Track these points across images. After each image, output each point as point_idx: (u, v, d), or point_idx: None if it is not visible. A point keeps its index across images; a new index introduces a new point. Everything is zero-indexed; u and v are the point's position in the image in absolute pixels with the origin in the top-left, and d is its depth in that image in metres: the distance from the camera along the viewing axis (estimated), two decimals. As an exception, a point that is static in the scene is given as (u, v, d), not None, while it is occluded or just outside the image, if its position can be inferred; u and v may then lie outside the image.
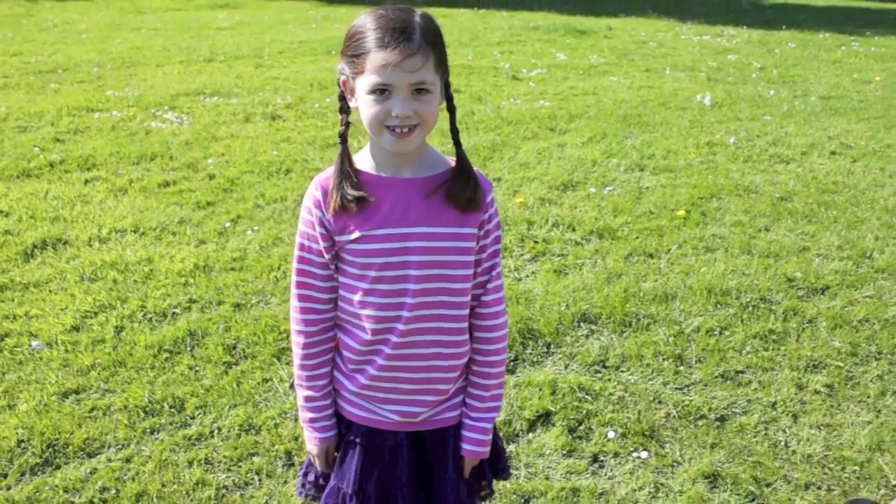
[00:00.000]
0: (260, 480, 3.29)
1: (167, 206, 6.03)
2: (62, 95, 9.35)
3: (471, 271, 2.01)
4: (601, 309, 4.52)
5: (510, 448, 3.47)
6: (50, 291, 4.75)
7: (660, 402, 3.79)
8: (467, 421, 2.14)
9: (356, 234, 1.95)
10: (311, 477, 2.26)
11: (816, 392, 3.91)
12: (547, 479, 3.30)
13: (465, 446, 2.14)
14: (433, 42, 1.83)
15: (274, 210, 5.91)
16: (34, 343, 4.20)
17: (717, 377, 3.99)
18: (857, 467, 3.41)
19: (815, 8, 20.41)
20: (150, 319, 4.45)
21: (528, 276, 4.97)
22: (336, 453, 2.18)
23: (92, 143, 7.52)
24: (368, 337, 2.02)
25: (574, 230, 5.58)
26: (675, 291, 4.76)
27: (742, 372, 4.05)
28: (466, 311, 2.06)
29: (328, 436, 2.15)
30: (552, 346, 4.22)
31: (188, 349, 4.17)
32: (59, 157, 7.06)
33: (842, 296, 4.79)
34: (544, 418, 3.66)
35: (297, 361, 2.13)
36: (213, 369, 4.00)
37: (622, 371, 4.03)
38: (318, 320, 2.08)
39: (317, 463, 2.20)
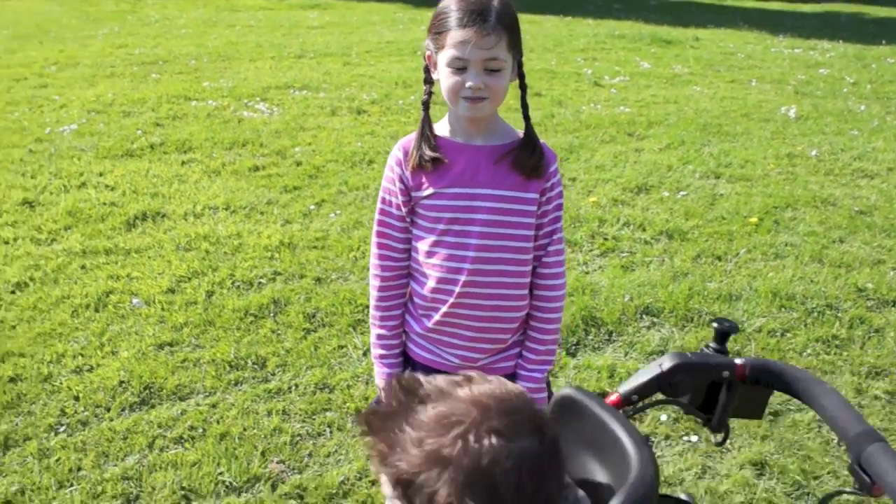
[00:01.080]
0: (331, 432, 3.57)
1: (256, 188, 6.37)
2: (162, 85, 9.80)
3: (531, 233, 2.24)
4: (664, 304, 4.70)
5: (568, 422, 3.68)
6: (149, 257, 5.12)
7: (714, 392, 3.95)
8: (521, 371, 2.36)
9: (429, 191, 2.21)
10: (380, 410, 2.52)
11: (876, 398, 4.01)
12: (600, 451, 3.51)
13: None
14: (507, 24, 2.07)
15: (356, 196, 6.20)
16: (135, 300, 4.58)
17: (773, 373, 4.13)
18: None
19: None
20: (238, 287, 4.78)
21: (595, 270, 5.17)
22: None
23: (189, 128, 7.91)
24: (434, 284, 2.27)
25: (644, 230, 5.76)
26: (740, 293, 4.91)
27: (800, 372, 4.18)
28: (526, 269, 2.28)
29: (395, 372, 2.41)
30: (614, 334, 4.43)
31: (271, 315, 4.49)
32: (159, 140, 7.46)
33: (915, 309, 4.87)
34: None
35: (372, 303, 2.40)
36: (294, 334, 4.31)
37: (681, 361, 4.20)
38: (393, 267, 2.34)
39: (382, 396, 2.45)
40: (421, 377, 1.35)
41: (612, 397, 1.58)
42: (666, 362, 1.57)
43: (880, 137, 8.48)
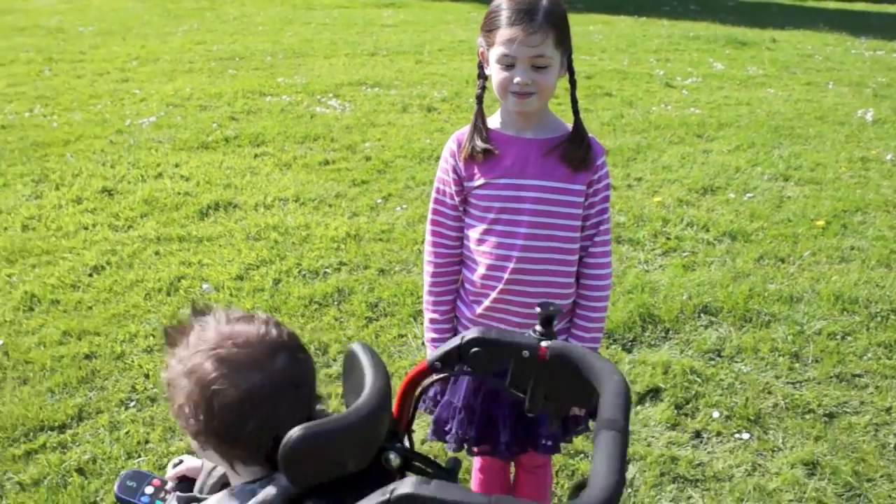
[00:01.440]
0: (389, 420, 3.66)
1: (326, 181, 6.52)
2: (238, 80, 10.03)
3: (578, 223, 2.33)
4: (723, 303, 4.71)
5: (620, 417, 3.73)
6: (220, 245, 5.30)
7: (769, 393, 3.97)
8: None
9: (481, 181, 2.32)
10: (430, 393, 2.61)
11: (936, 403, 3.99)
12: (648, 445, 3.56)
13: None
14: (554, 23, 2.16)
15: (423, 191, 6.30)
16: (205, 286, 4.76)
17: (831, 377, 4.12)
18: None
19: None
20: (304, 276, 4.92)
21: (655, 269, 5.20)
22: None
23: (262, 122, 8.10)
24: (483, 271, 2.37)
25: (708, 231, 5.76)
26: (802, 295, 4.89)
27: (859, 376, 4.16)
28: (573, 258, 2.37)
29: None
30: (670, 331, 4.46)
31: (335, 303, 4.62)
32: (234, 133, 7.67)
33: (981, 317, 4.80)
34: (654, 394, 3.91)
35: (425, 288, 2.52)
36: (356, 322, 4.43)
37: (736, 361, 4.22)
38: (446, 254, 2.46)
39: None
40: (216, 306, 1.59)
41: (420, 364, 1.70)
42: (469, 334, 1.63)
43: (963, 143, 8.30)
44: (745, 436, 3.65)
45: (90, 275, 4.92)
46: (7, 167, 6.76)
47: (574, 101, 2.38)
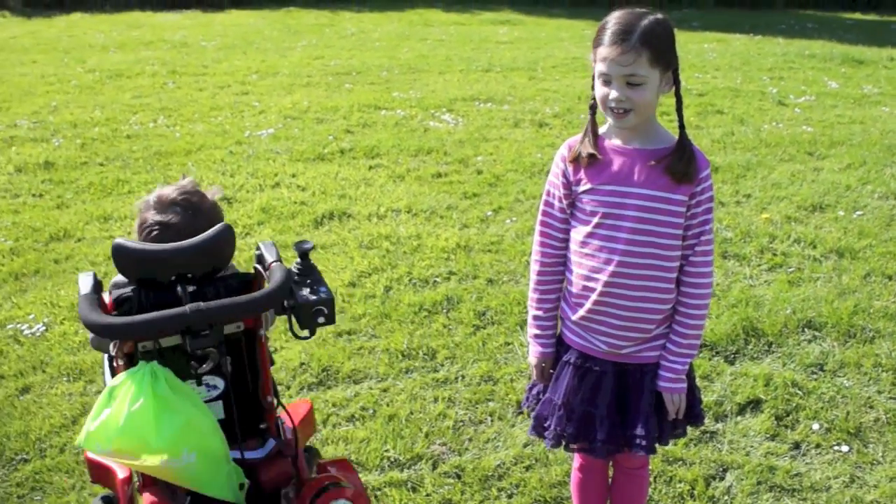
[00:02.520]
0: (492, 421, 3.83)
1: (438, 193, 6.72)
2: (354, 94, 10.36)
3: (679, 232, 2.44)
4: (827, 318, 4.73)
5: (718, 426, 3.82)
6: (334, 253, 5.54)
7: (871, 407, 3.99)
8: (664, 362, 2.55)
9: (587, 186, 2.47)
10: (534, 391, 2.77)
11: None
12: (747, 454, 3.63)
13: (660, 383, 2.55)
14: (650, 42, 2.28)
15: (532, 205, 6.45)
16: (319, 292, 4.97)
17: (935, 393, 4.13)
18: None
19: None
20: (415, 284, 5.12)
21: (761, 284, 5.23)
22: (552, 370, 2.69)
23: (377, 135, 8.37)
24: (586, 273, 2.51)
25: (815, 247, 5.76)
26: (909, 312, 4.88)
27: (964, 393, 4.16)
28: (673, 265, 2.48)
29: (547, 351, 2.68)
30: (773, 345, 4.50)
31: (444, 311, 4.80)
32: (349, 146, 7.95)
33: None
34: (754, 405, 3.97)
35: (531, 286, 2.68)
36: (464, 329, 4.60)
37: (838, 375, 4.25)
38: (551, 254, 2.61)
39: (534, 373, 2.72)
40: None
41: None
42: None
43: None
44: (845, 448, 3.68)
45: (210, 281, 5.20)
46: (132, 175, 7.17)
47: (680, 116, 2.50)
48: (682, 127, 2.47)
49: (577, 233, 2.53)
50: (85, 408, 3.90)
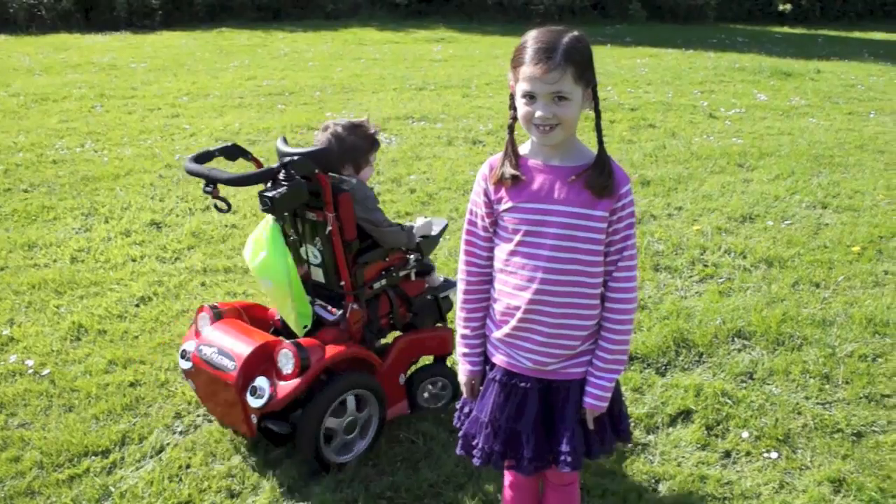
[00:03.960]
0: (424, 440, 3.81)
1: (370, 213, 6.67)
2: (287, 115, 10.29)
3: (600, 248, 2.44)
4: (756, 327, 4.79)
5: (650, 438, 3.83)
6: (264, 276, 5.46)
7: (799, 413, 4.03)
8: (590, 378, 2.55)
9: (509, 205, 2.47)
10: (465, 409, 2.76)
11: (965, 422, 4.03)
12: (678, 465, 3.65)
13: (586, 399, 2.55)
14: (573, 59, 2.29)
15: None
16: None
17: (861, 398, 4.18)
18: None
19: None
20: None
21: (692, 295, 5.28)
22: (481, 387, 2.68)
23: (310, 156, 8.29)
24: (510, 291, 2.50)
25: (745, 257, 5.83)
26: (834, 318, 4.95)
27: (889, 396, 4.21)
28: (597, 281, 2.48)
29: (475, 369, 2.68)
30: (704, 356, 4.54)
31: (375, 331, 4.75)
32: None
33: None
34: (685, 416, 4.00)
35: (458, 305, 2.68)
36: (395, 348, 4.56)
37: (767, 383, 4.29)
38: (477, 272, 2.61)
39: (464, 391, 2.71)
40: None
41: None
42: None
43: None
44: (774, 455, 3.72)
45: (137, 305, 5.11)
46: (58, 201, 7.02)
47: (599, 131, 2.51)
48: (601, 142, 2.48)
49: (501, 251, 2.52)
50: None
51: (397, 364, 3.83)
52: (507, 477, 2.91)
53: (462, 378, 2.70)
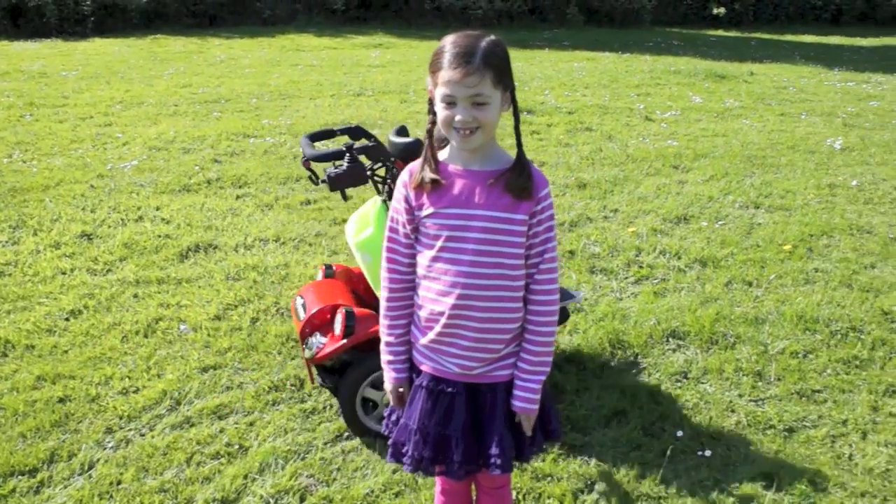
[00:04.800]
0: (361, 449, 3.78)
1: (307, 221, 6.64)
2: (223, 122, 10.17)
3: (522, 251, 2.45)
4: (691, 327, 4.84)
5: (586, 439, 3.84)
6: (199, 286, 5.40)
7: (732, 411, 4.08)
8: (518, 382, 2.55)
9: (430, 210, 2.46)
10: (393, 417, 2.74)
11: (891, 415, 4.10)
12: (614, 466, 3.66)
13: (515, 403, 2.56)
14: (492, 64, 2.30)
15: (401, 228, 6.42)
16: (182, 327, 4.85)
17: (793, 394, 4.24)
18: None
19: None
20: (282, 314, 5.02)
21: (628, 297, 5.32)
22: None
23: (246, 164, 8.23)
24: (433, 297, 2.50)
25: (679, 258, 5.89)
26: (767, 316, 5.02)
27: (819, 391, 4.28)
28: (518, 284, 2.49)
29: (401, 377, 2.65)
30: (639, 356, 4.57)
31: (311, 339, 4.72)
32: (216, 176, 7.79)
33: (938, 331, 4.93)
34: (621, 416, 4.02)
35: (381, 313, 2.65)
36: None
37: (702, 382, 4.34)
38: (399, 279, 2.59)
39: (391, 399, 2.69)
40: None
41: None
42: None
43: (924, 167, 8.50)
44: (708, 453, 3.75)
45: (66, 319, 4.99)
46: (-14, 213, 6.86)
47: (517, 135, 2.52)
48: (519, 146, 2.50)
49: (423, 257, 2.52)
50: None
51: None
52: (439, 483, 2.90)
53: (388, 386, 2.68)
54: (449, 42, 2.34)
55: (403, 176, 2.54)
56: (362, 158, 3.78)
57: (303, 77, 13.81)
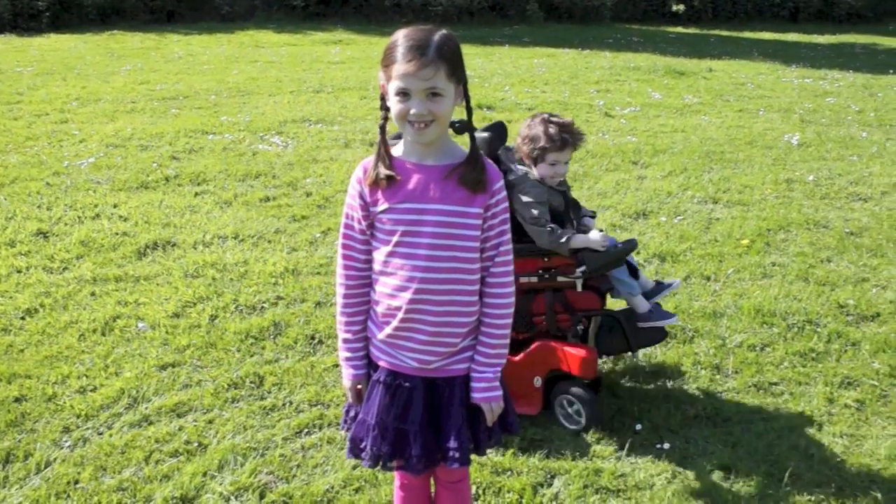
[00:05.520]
0: (321, 445, 3.77)
1: (266, 217, 6.61)
2: (181, 119, 10.08)
3: (476, 244, 2.47)
4: (649, 321, 4.87)
5: (546, 433, 3.86)
6: (157, 284, 5.36)
7: (691, 405, 4.12)
8: (475, 374, 2.57)
9: (385, 206, 2.46)
10: (351, 413, 2.73)
11: (846, 406, 4.16)
12: (573, 460, 3.68)
13: (475, 395, 2.57)
14: (445, 56, 2.32)
15: (362, 224, 6.40)
16: (140, 325, 4.82)
17: (750, 387, 4.29)
18: (872, 472, 3.67)
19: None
20: (241, 311, 5.00)
21: (587, 291, 5.34)
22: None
23: (204, 161, 8.17)
24: (390, 292, 2.50)
25: (638, 253, 5.92)
26: (725, 310, 5.07)
27: (776, 384, 4.34)
28: (474, 278, 2.51)
29: (359, 373, 2.65)
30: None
31: (272, 337, 4.71)
32: (174, 173, 7.73)
33: (892, 323, 4.99)
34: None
35: (338, 310, 2.65)
36: (292, 354, 4.53)
37: (661, 376, 4.37)
38: (355, 276, 2.59)
39: (349, 396, 2.68)
40: None
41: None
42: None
43: (878, 162, 8.64)
44: (667, 445, 3.78)
45: (22, 318, 4.92)
46: (-62, 212, 6.74)
47: (471, 128, 2.53)
48: (472, 139, 2.52)
49: (379, 253, 2.52)
50: None
51: (531, 364, 3.90)
52: (398, 478, 2.89)
53: (346, 382, 2.67)
54: (401, 36, 2.35)
55: (357, 172, 2.53)
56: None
57: (262, 74, 13.73)
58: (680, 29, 24.10)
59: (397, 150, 2.52)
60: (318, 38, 18.96)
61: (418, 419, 2.54)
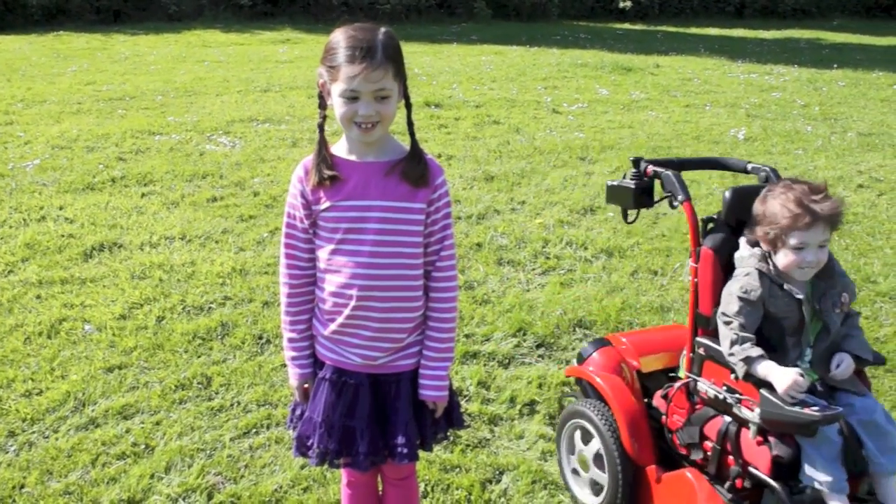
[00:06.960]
0: (269, 445, 3.76)
1: (213, 218, 6.57)
2: (127, 120, 9.97)
3: (420, 240, 2.49)
4: (597, 316, 4.92)
5: (495, 430, 3.89)
6: (104, 286, 5.30)
7: (638, 397, 4.16)
8: (425, 371, 2.58)
9: (327, 204, 2.47)
10: (297, 412, 2.73)
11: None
12: (522, 456, 3.71)
13: (424, 392, 2.58)
14: (392, 57, 2.33)
15: (310, 223, 6.39)
16: (87, 327, 4.77)
17: (696, 379, 4.35)
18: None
19: (875, 48, 20.26)
20: (189, 312, 4.97)
21: (535, 288, 5.38)
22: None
23: (151, 162, 8.09)
24: (334, 289, 2.50)
25: (586, 249, 5.98)
26: (672, 304, 5.14)
27: (721, 376, 4.40)
28: (418, 273, 2.52)
29: (305, 372, 2.65)
30: (546, 347, 4.64)
31: (219, 337, 4.69)
32: (121, 174, 7.65)
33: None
34: (529, 407, 4.07)
35: (282, 309, 2.65)
36: (240, 354, 4.51)
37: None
38: (299, 275, 2.59)
39: (296, 395, 2.69)
40: None
41: None
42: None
43: (823, 156, 8.79)
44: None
45: (-33, 321, 4.87)
46: None
47: (410, 124, 2.55)
48: (412, 134, 2.54)
49: (323, 251, 2.52)
50: None
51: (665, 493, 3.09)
52: (345, 476, 2.90)
53: (293, 382, 2.68)
54: (345, 36, 2.34)
55: (298, 171, 2.53)
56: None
57: (209, 73, 13.64)
58: (627, 25, 24.32)
59: (337, 147, 2.53)
60: (266, 38, 18.86)
61: (365, 416, 2.55)
